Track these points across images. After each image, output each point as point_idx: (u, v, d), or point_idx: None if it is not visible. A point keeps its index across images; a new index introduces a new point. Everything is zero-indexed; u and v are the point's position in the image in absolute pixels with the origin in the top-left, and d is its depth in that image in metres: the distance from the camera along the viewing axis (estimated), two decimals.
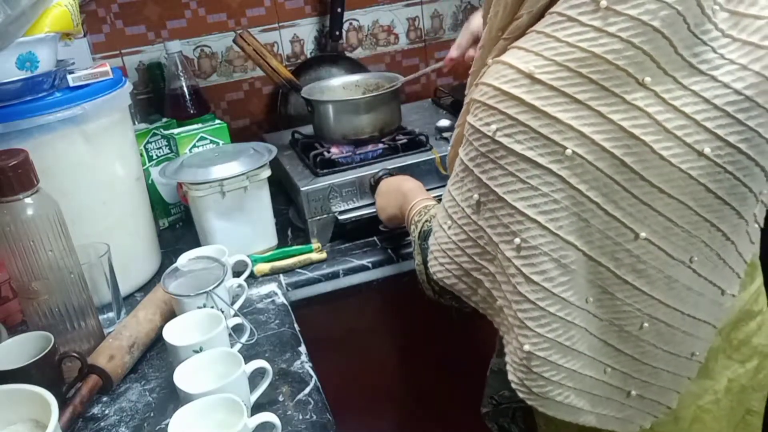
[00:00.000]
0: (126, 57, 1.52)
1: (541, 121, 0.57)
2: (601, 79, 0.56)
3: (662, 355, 0.67)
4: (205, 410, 0.71)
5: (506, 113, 0.59)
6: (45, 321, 0.88)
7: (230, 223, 1.12)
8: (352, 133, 1.25)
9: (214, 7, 1.54)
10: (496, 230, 0.63)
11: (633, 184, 0.58)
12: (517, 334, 0.64)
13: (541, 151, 0.58)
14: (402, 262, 1.16)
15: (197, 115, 1.40)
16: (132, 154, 1.12)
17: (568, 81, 0.57)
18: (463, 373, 1.36)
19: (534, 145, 0.58)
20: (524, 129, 0.58)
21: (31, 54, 0.94)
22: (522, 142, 0.58)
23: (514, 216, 0.60)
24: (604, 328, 0.64)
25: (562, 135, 0.57)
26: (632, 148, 0.57)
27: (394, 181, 1.08)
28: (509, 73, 0.59)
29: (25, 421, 0.66)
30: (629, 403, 0.69)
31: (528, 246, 0.60)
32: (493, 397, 0.90)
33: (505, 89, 0.59)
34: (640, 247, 0.60)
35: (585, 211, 0.59)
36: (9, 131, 0.91)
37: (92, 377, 0.85)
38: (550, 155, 0.58)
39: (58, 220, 0.86)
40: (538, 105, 0.57)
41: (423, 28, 1.70)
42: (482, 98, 0.61)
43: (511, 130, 0.58)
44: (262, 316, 1.02)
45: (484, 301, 0.69)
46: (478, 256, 0.67)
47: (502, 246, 0.62)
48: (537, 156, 0.58)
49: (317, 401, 0.83)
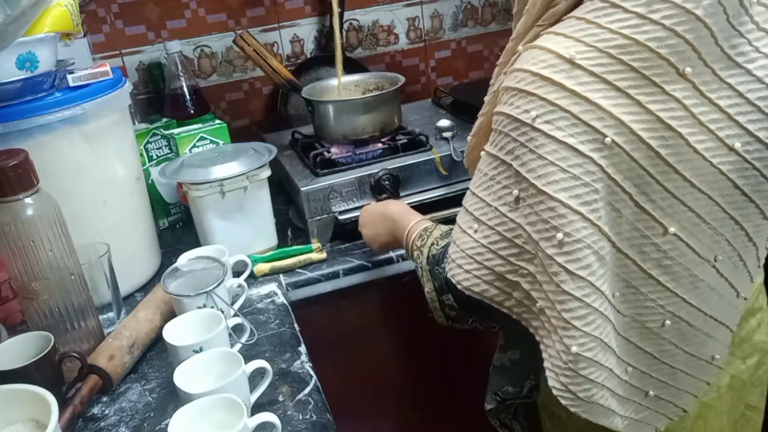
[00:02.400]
0: (126, 57, 1.52)
1: (582, 107, 0.55)
2: (642, 68, 0.55)
3: (682, 356, 0.66)
4: (205, 410, 0.71)
5: (546, 99, 0.56)
6: (45, 321, 0.88)
7: (230, 223, 1.12)
8: (352, 133, 1.25)
9: (214, 7, 1.54)
10: (535, 227, 0.60)
11: (666, 177, 0.57)
12: (561, 336, 0.61)
13: (582, 138, 0.56)
14: (402, 262, 1.16)
15: (197, 115, 1.40)
16: (132, 154, 1.12)
17: (608, 68, 0.55)
18: (463, 372, 1.36)
19: (575, 132, 0.56)
20: (565, 115, 0.56)
21: (31, 54, 0.94)
22: (563, 128, 0.56)
23: (555, 209, 0.58)
24: (626, 325, 0.63)
25: (603, 122, 0.55)
26: (668, 140, 0.56)
27: (375, 208, 1.04)
28: (548, 58, 0.57)
29: (25, 421, 0.66)
30: (646, 404, 0.68)
31: (571, 240, 0.58)
32: (497, 394, 0.89)
33: (544, 74, 0.57)
34: (668, 242, 0.59)
35: (618, 201, 0.58)
36: (9, 131, 0.91)
37: (92, 377, 0.85)
38: (591, 143, 0.56)
39: (58, 220, 0.86)
40: (579, 90, 0.55)
41: (423, 28, 1.70)
42: (518, 84, 0.58)
43: (552, 116, 0.56)
44: (262, 316, 1.02)
45: (520, 305, 0.66)
46: (514, 257, 0.63)
47: (542, 243, 0.60)
48: (578, 143, 0.56)
49: (317, 401, 0.83)
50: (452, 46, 1.74)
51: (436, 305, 0.80)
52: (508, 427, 0.91)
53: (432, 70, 1.76)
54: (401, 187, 1.20)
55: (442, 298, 0.78)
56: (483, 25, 1.75)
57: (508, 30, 1.86)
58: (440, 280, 0.77)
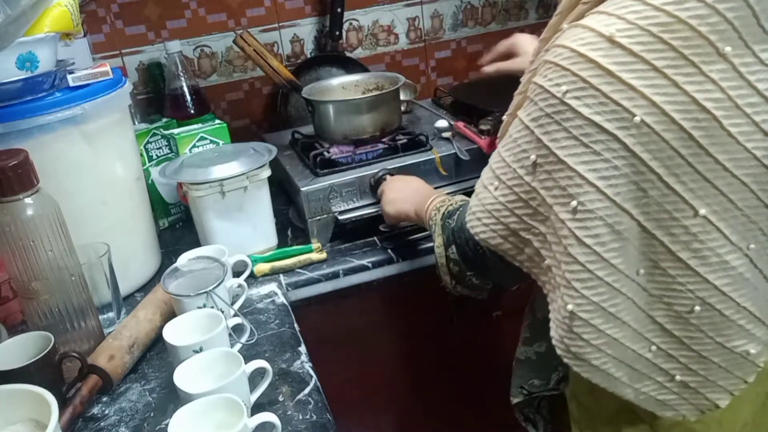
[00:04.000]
0: (126, 57, 1.52)
1: (614, 87, 0.56)
2: (682, 47, 0.55)
3: (713, 346, 0.65)
4: (205, 410, 0.71)
5: (579, 75, 0.58)
6: (45, 321, 0.88)
7: (230, 223, 1.12)
8: (352, 133, 1.25)
9: (214, 7, 1.54)
10: (551, 192, 0.62)
11: (698, 159, 0.57)
12: (562, 293, 0.64)
13: (608, 116, 0.57)
14: (402, 262, 1.16)
15: (197, 115, 1.40)
16: (132, 154, 1.12)
17: (648, 46, 0.55)
18: (463, 372, 1.36)
19: (602, 110, 0.57)
20: (595, 93, 0.57)
21: (31, 54, 0.94)
22: (591, 105, 0.57)
23: (573, 179, 0.60)
24: (653, 304, 0.63)
25: (633, 102, 0.56)
26: (701, 122, 0.56)
27: (411, 179, 1.10)
28: (588, 36, 0.58)
29: (25, 421, 0.66)
30: (672, 387, 0.67)
31: (584, 209, 0.60)
32: (523, 387, 0.90)
33: (581, 51, 0.58)
34: (697, 225, 0.59)
35: (644, 181, 0.58)
36: (9, 131, 0.91)
37: (92, 377, 0.85)
38: (617, 121, 0.57)
39: (58, 220, 0.86)
40: (613, 69, 0.56)
41: (423, 28, 1.70)
42: (555, 59, 0.60)
43: (582, 93, 0.58)
44: (262, 316, 1.02)
45: (531, 260, 0.69)
46: (528, 216, 0.66)
47: (556, 208, 0.62)
48: (604, 121, 0.57)
49: (317, 401, 0.83)
50: (452, 46, 1.75)
51: (443, 260, 0.84)
52: (532, 421, 0.92)
53: (432, 70, 1.76)
54: None
55: (448, 253, 0.82)
56: (483, 25, 1.75)
57: (509, 30, 1.87)
58: (448, 232, 0.82)
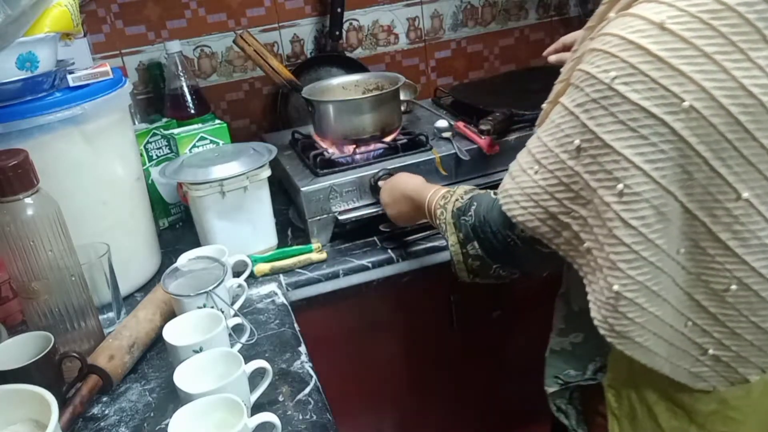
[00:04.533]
0: (126, 57, 1.52)
1: (664, 72, 0.58)
2: (731, 33, 0.56)
3: (748, 325, 0.67)
4: (205, 410, 0.71)
5: (628, 62, 0.59)
6: (45, 321, 0.88)
7: (230, 223, 1.12)
8: (352, 133, 1.25)
9: (214, 7, 1.54)
10: (595, 176, 0.63)
11: (744, 143, 0.59)
12: (606, 275, 0.65)
13: (657, 101, 0.58)
14: (402, 262, 1.16)
15: (197, 115, 1.40)
16: (132, 154, 1.12)
17: (698, 33, 0.57)
18: (463, 372, 1.36)
19: (651, 96, 0.58)
20: (644, 79, 0.58)
21: (31, 54, 0.94)
22: (639, 91, 0.59)
23: (620, 163, 0.61)
24: (691, 282, 0.66)
25: (683, 87, 0.57)
26: (748, 108, 0.57)
27: (394, 186, 1.09)
28: (638, 24, 0.59)
29: (25, 421, 0.66)
30: (705, 360, 0.70)
31: (630, 192, 0.61)
32: (558, 377, 0.91)
33: (631, 38, 0.59)
34: (740, 208, 0.61)
35: (691, 164, 0.60)
36: (9, 131, 0.91)
37: (92, 377, 0.85)
38: (665, 106, 0.58)
39: (58, 220, 0.86)
40: (663, 56, 0.58)
41: (423, 28, 1.70)
42: (604, 47, 0.61)
43: (630, 78, 0.59)
44: (262, 316, 1.02)
45: (568, 243, 0.70)
46: (569, 200, 0.67)
47: (600, 191, 0.63)
48: (652, 106, 0.59)
49: (317, 401, 0.83)
50: (452, 46, 1.75)
51: (460, 258, 0.85)
52: (563, 411, 0.93)
53: (432, 70, 1.76)
54: None
55: (466, 249, 0.83)
56: (483, 25, 1.75)
57: (508, 30, 1.87)
58: (466, 229, 0.82)
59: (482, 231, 0.80)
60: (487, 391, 1.40)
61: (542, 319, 0.94)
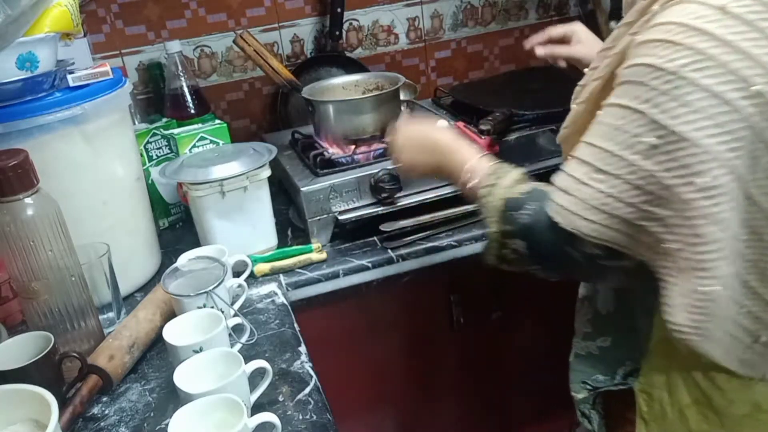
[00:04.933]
0: (126, 57, 1.52)
1: (734, 56, 0.57)
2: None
3: None
4: (205, 410, 0.71)
5: (695, 48, 0.57)
6: (45, 321, 0.88)
7: (230, 223, 1.12)
8: (352, 133, 1.25)
9: (214, 7, 1.54)
10: (674, 173, 0.61)
11: None
12: (692, 276, 0.63)
13: (731, 86, 0.57)
14: (402, 262, 1.16)
15: (197, 115, 1.40)
16: (132, 154, 1.12)
17: (761, 15, 0.57)
18: (463, 372, 1.36)
19: (725, 80, 0.57)
20: (715, 63, 0.57)
21: (31, 54, 0.94)
22: (713, 76, 0.57)
23: (699, 156, 0.59)
24: (747, 269, 0.65)
25: (753, 70, 0.57)
26: None
27: (418, 133, 0.95)
28: (698, 9, 0.58)
29: (25, 421, 0.66)
30: (756, 347, 0.69)
31: (711, 186, 0.59)
32: (586, 382, 0.88)
33: (694, 24, 0.58)
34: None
35: (758, 150, 0.59)
36: (9, 131, 0.91)
37: (92, 377, 0.85)
38: (739, 91, 0.57)
39: (58, 220, 0.86)
40: (731, 39, 0.57)
41: (423, 28, 1.70)
42: (665, 36, 0.59)
43: (702, 64, 0.57)
44: (262, 316, 1.02)
45: (647, 247, 0.66)
46: (645, 203, 0.64)
47: (681, 188, 0.61)
48: (727, 92, 0.57)
49: (317, 401, 0.83)
50: (452, 46, 1.74)
51: (496, 246, 0.77)
52: (587, 416, 0.91)
53: (432, 70, 1.76)
54: (401, 187, 1.19)
55: (507, 241, 0.76)
56: (483, 25, 1.75)
57: (509, 30, 1.87)
58: (517, 226, 0.74)
59: (538, 237, 0.72)
60: (486, 391, 1.40)
61: (542, 320, 0.94)
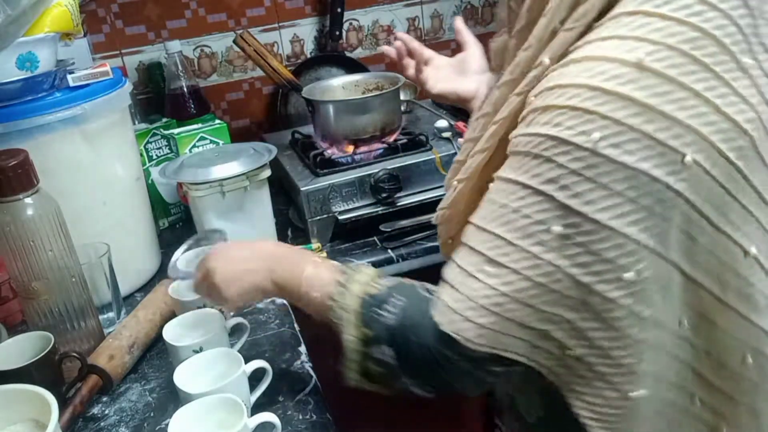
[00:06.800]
0: (126, 57, 1.52)
1: (657, 124, 0.47)
2: (713, 63, 0.48)
3: (764, 394, 0.58)
4: (205, 410, 0.71)
5: (611, 117, 0.48)
6: (45, 321, 0.88)
7: (230, 223, 1.12)
8: (352, 133, 1.25)
9: (214, 7, 1.54)
10: (590, 268, 0.51)
11: (742, 192, 0.51)
12: (616, 382, 0.55)
13: (657, 161, 0.48)
14: (402, 262, 1.16)
15: (197, 115, 1.40)
16: (132, 154, 1.12)
17: (682, 69, 0.48)
18: None
19: (648, 155, 0.48)
20: (636, 136, 0.48)
21: (31, 54, 0.94)
22: (634, 152, 0.48)
23: (624, 246, 0.50)
24: (696, 357, 0.56)
25: (681, 139, 0.48)
26: (743, 150, 0.49)
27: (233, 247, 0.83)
28: (609, 68, 0.48)
29: (25, 421, 0.66)
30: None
31: (640, 279, 0.51)
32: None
33: (607, 88, 0.48)
34: (748, 266, 0.53)
35: (694, 228, 0.51)
36: (9, 131, 0.91)
37: (92, 377, 0.85)
38: (667, 165, 0.48)
39: (58, 220, 0.86)
40: (652, 103, 0.47)
41: (423, 28, 1.70)
42: (571, 102, 0.49)
43: (620, 138, 0.48)
44: (262, 316, 1.02)
45: (548, 355, 0.56)
46: (548, 304, 0.53)
47: (599, 287, 0.51)
48: (652, 168, 0.48)
49: (317, 401, 0.83)
50: (452, 46, 1.75)
51: (355, 357, 0.65)
52: None
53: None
54: (401, 187, 1.20)
55: (370, 350, 0.64)
56: (483, 25, 1.75)
57: None
58: (379, 327, 0.63)
59: (405, 339, 0.61)
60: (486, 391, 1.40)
61: None
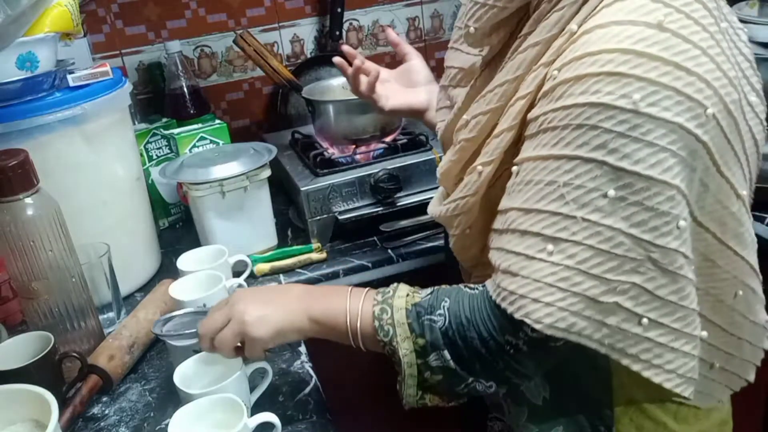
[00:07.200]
0: (126, 57, 1.52)
1: (684, 80, 0.51)
2: (708, 25, 0.53)
3: (747, 326, 0.65)
4: (205, 410, 0.71)
5: (647, 78, 0.51)
6: (45, 321, 0.88)
7: (230, 223, 1.12)
8: (352, 133, 1.25)
9: (214, 7, 1.54)
10: (647, 225, 0.53)
11: (735, 141, 0.56)
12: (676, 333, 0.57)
13: (688, 115, 0.52)
14: (402, 262, 1.16)
15: (197, 115, 1.40)
16: (132, 154, 1.12)
17: (690, 29, 0.52)
18: None
19: (681, 110, 0.51)
20: (669, 93, 0.51)
21: (31, 54, 0.94)
22: (670, 108, 0.51)
23: (675, 198, 0.53)
24: (699, 298, 0.59)
25: (703, 93, 0.52)
26: (736, 102, 0.55)
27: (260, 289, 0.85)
28: (636, 31, 0.51)
29: (25, 421, 0.66)
30: (711, 375, 0.67)
31: (688, 225, 0.55)
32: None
33: (638, 50, 0.51)
34: (740, 207, 0.59)
35: (708, 176, 0.55)
36: (9, 131, 0.91)
37: (92, 377, 0.85)
38: (695, 119, 0.52)
39: (58, 220, 0.86)
40: (678, 61, 0.51)
41: (423, 28, 1.70)
42: (605, 68, 0.51)
43: (657, 96, 0.51)
44: None
45: (615, 332, 0.56)
46: (612, 271, 0.54)
47: (660, 240, 0.53)
48: (686, 121, 0.52)
49: (317, 401, 0.83)
50: None
51: (414, 372, 0.66)
52: None
53: (432, 70, 1.75)
54: (401, 187, 1.19)
55: (427, 360, 0.64)
56: None
57: None
58: (432, 332, 0.64)
59: (461, 336, 0.62)
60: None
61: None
